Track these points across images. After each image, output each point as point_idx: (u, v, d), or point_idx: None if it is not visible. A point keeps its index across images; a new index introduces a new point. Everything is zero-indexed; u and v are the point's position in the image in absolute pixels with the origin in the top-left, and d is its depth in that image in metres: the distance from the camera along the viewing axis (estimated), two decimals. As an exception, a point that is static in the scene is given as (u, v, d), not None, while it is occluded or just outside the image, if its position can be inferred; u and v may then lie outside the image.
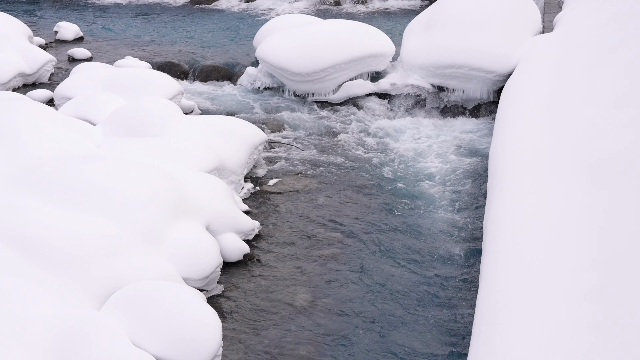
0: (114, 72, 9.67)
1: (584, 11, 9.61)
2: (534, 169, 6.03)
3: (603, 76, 6.97)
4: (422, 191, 7.92)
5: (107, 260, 5.36)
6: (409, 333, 5.62)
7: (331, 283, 6.25)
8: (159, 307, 4.91)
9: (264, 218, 7.32)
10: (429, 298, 6.05)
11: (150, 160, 6.80)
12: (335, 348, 5.46)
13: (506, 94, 8.34)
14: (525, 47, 9.63)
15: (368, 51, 10.35)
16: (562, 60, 8.28)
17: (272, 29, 11.27)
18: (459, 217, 7.34)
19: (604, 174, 5.27)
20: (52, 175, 6.02)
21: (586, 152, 5.75)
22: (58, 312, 4.78)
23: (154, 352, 4.75)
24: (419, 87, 10.16)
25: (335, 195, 7.82)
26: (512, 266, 4.77)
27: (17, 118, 6.99)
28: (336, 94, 10.31)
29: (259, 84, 10.80)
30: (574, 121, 6.47)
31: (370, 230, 7.11)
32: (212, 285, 6.09)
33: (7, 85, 10.45)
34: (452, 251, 6.73)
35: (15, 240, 5.24)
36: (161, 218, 5.96)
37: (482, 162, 8.41)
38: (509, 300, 4.44)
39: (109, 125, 7.74)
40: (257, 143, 8.04)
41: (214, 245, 6.14)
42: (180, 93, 9.60)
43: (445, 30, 10.12)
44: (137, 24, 14.37)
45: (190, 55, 12.04)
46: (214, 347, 4.87)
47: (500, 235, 5.26)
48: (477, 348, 4.26)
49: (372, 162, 8.66)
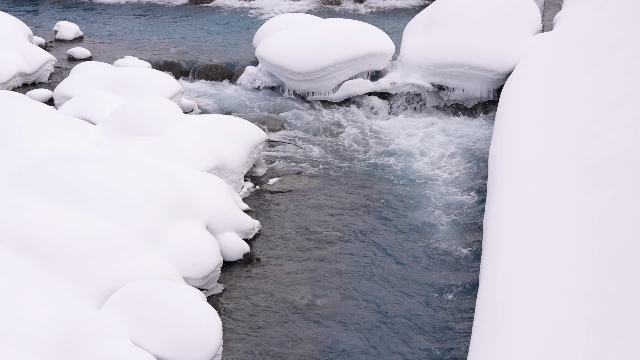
0: (114, 72, 9.66)
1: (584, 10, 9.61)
2: (534, 168, 6.03)
3: (603, 75, 6.97)
4: (422, 190, 7.92)
5: (107, 259, 5.36)
6: (410, 332, 5.62)
7: (331, 282, 6.25)
8: (159, 307, 4.91)
9: (264, 217, 7.32)
10: (430, 297, 6.05)
11: (150, 160, 6.79)
12: (335, 347, 5.46)
13: (506, 93, 8.34)
14: (525, 46, 9.63)
15: (368, 50, 10.35)
16: (562, 59, 8.28)
17: (271, 28, 11.27)
18: (459, 216, 7.34)
19: (604, 173, 5.27)
20: (52, 174, 6.02)
21: (586, 151, 5.75)
22: (58, 311, 4.78)
23: (154, 351, 4.75)
24: (418, 86, 10.16)
25: (335, 194, 7.82)
26: (512, 265, 4.77)
27: (17, 117, 6.99)
28: (336, 93, 10.31)
29: (259, 83, 10.79)
30: (574, 120, 6.47)
31: (370, 229, 7.11)
32: (212, 285, 6.09)
33: (7, 85, 10.44)
34: (452, 250, 6.73)
35: (15, 240, 5.24)
36: (161, 217, 5.96)
37: (482, 161, 8.41)
38: (509, 299, 4.44)
39: (109, 124, 7.74)
40: (257, 142, 8.04)
41: (214, 244, 6.14)
42: (180, 92, 9.60)
43: (445, 29, 10.12)
44: (136, 23, 14.36)
45: (190, 55, 12.03)
46: (214, 347, 4.87)
47: (500, 234, 5.26)
48: (477, 347, 4.27)
49: (371, 161, 8.66)
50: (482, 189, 7.72)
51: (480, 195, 7.66)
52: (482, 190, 7.74)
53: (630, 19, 7.93)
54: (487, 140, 8.92)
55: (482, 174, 8.12)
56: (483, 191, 7.61)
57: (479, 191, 7.80)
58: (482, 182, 7.89)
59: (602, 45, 7.77)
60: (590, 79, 7.08)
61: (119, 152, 6.98)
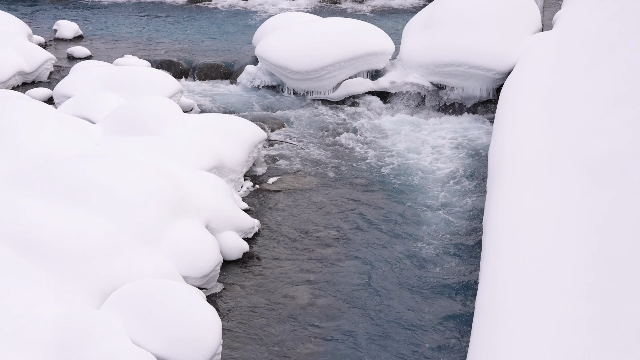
0: (114, 71, 9.66)
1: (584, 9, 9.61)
2: (533, 167, 6.03)
3: (602, 74, 6.97)
4: (422, 189, 7.92)
5: (106, 258, 5.36)
6: (409, 331, 5.62)
7: (331, 281, 6.26)
8: (159, 306, 4.91)
9: (264, 216, 7.32)
10: (429, 296, 6.05)
11: (150, 159, 6.79)
12: (335, 346, 5.46)
13: (505, 92, 8.35)
14: (525, 45, 9.63)
15: (367, 49, 10.35)
16: (562, 59, 8.28)
17: (271, 27, 11.28)
18: (458, 215, 7.34)
19: (603, 173, 5.27)
20: (52, 173, 6.02)
21: (586, 150, 5.75)
22: (58, 311, 4.78)
23: (153, 350, 4.75)
24: (418, 85, 10.17)
25: (335, 193, 7.82)
26: (512, 264, 4.77)
27: (16, 116, 6.99)
28: (336, 92, 10.31)
29: (259, 82, 10.80)
30: (573, 119, 6.47)
31: (369, 228, 7.11)
32: (212, 284, 6.09)
33: (7, 84, 10.44)
34: (452, 250, 6.73)
35: (14, 239, 5.23)
36: (161, 216, 5.96)
37: (482, 160, 8.41)
38: (508, 298, 4.44)
39: (109, 123, 7.74)
40: (256, 141, 8.04)
41: (213, 243, 6.14)
42: (179, 91, 9.60)
43: (445, 28, 10.12)
44: (136, 22, 14.36)
45: (189, 54, 12.03)
46: (213, 346, 4.87)
47: (499, 233, 5.27)
48: (476, 345, 4.27)
49: (371, 160, 8.67)
50: (482, 188, 7.73)
51: (480, 195, 7.66)
52: (481, 190, 7.75)
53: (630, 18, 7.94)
54: (486, 140, 8.92)
55: (481, 173, 8.13)
56: (482, 190, 7.61)
57: (479, 190, 7.80)
58: (482, 182, 7.90)
59: (601, 45, 7.77)
60: (590, 78, 7.08)
61: (118, 151, 6.97)
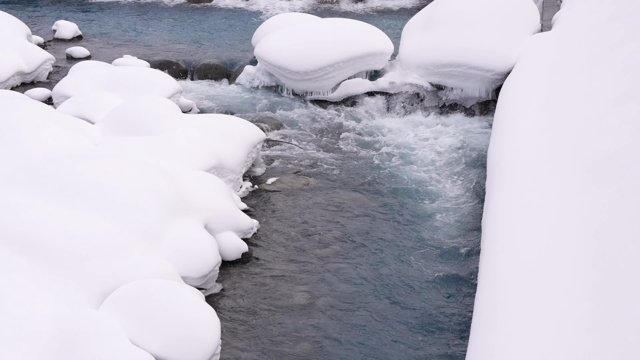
0: (113, 71, 9.66)
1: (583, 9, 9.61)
2: (532, 168, 6.03)
3: (602, 74, 6.97)
4: (421, 189, 7.92)
5: (105, 258, 5.36)
6: (408, 331, 5.62)
7: (330, 281, 6.25)
8: (158, 306, 4.91)
9: (263, 217, 7.32)
10: (429, 296, 6.05)
11: (149, 159, 6.79)
12: (334, 346, 5.46)
13: (505, 93, 8.35)
14: (524, 46, 9.63)
15: (366, 50, 10.35)
16: (561, 59, 8.28)
17: (270, 28, 11.27)
18: (457, 215, 7.34)
19: (603, 172, 5.27)
20: (51, 173, 6.02)
21: (585, 150, 5.75)
22: (56, 311, 4.77)
23: (152, 350, 4.75)
24: (417, 86, 10.17)
25: (334, 194, 7.82)
26: (511, 264, 4.77)
27: (15, 117, 6.99)
28: (335, 93, 10.31)
29: (258, 82, 10.79)
30: (573, 119, 6.47)
31: (368, 228, 7.11)
32: (211, 284, 6.09)
33: (6, 84, 10.44)
34: (451, 250, 6.73)
35: (13, 239, 5.23)
36: (159, 217, 5.95)
37: (481, 161, 8.42)
38: (507, 298, 4.44)
39: (108, 123, 7.74)
40: (255, 142, 8.04)
41: (212, 243, 6.13)
42: (178, 92, 9.60)
43: (444, 29, 10.12)
44: (135, 22, 14.36)
45: (188, 54, 12.03)
46: (212, 346, 4.87)
47: (498, 233, 5.26)
48: (475, 346, 4.26)
49: (370, 160, 8.66)
50: (481, 189, 7.73)
51: (479, 195, 7.66)
52: (481, 190, 7.75)
53: (629, 18, 7.94)
54: (485, 140, 8.92)
55: (480, 173, 8.13)
56: (482, 190, 7.61)
57: (478, 190, 7.80)
58: (481, 182, 7.90)
59: (600, 45, 7.77)
60: (589, 78, 7.09)
61: (117, 151, 6.97)
